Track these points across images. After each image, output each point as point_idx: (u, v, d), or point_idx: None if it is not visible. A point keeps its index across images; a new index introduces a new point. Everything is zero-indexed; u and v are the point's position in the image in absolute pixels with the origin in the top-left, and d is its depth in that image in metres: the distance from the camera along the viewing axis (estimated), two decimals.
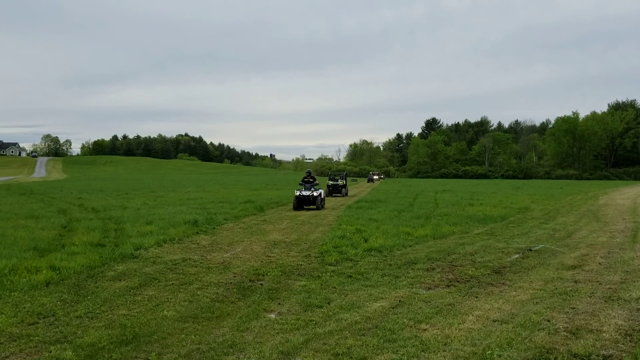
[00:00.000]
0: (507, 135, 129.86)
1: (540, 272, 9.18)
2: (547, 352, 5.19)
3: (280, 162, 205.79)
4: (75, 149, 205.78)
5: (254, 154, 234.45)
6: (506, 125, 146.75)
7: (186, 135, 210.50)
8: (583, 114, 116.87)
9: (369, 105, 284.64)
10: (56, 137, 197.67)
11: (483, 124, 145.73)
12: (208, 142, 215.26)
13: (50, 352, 5.23)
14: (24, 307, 6.78)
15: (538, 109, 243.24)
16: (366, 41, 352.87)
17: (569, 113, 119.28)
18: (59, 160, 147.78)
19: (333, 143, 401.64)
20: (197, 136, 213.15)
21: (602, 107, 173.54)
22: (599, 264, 9.99)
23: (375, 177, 76.13)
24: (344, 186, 34.99)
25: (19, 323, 6.15)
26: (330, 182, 34.87)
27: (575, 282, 8.39)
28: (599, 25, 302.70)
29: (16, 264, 9.14)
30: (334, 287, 8.10)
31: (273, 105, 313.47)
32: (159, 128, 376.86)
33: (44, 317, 6.41)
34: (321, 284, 8.29)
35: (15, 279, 8.13)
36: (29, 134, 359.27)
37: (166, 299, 7.35)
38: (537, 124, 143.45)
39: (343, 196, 33.34)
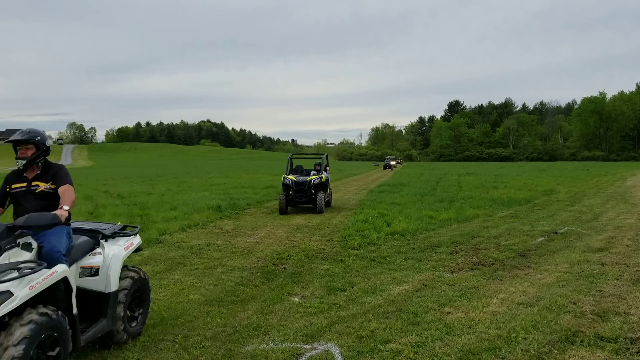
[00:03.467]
0: (531, 117, 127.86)
1: (566, 255, 9.06)
2: (573, 335, 5.13)
3: (301, 147, 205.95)
4: (100, 136, 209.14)
5: (275, 139, 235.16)
6: (531, 106, 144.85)
7: (208, 121, 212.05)
8: (610, 94, 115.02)
9: (390, 89, 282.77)
10: (81, 124, 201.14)
11: (507, 105, 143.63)
12: (230, 128, 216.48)
13: None
14: None
15: (563, 90, 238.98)
16: (388, 23, 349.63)
17: (595, 93, 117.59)
18: (84, 148, 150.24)
19: (355, 127, 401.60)
20: (219, 122, 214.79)
21: (630, 87, 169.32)
22: (627, 246, 9.81)
23: (393, 162, 63.49)
24: (324, 186, 16.19)
25: None
26: (291, 178, 15.97)
27: (602, 264, 8.26)
28: (627, 1, 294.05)
29: None
30: (357, 271, 8.11)
31: (294, 90, 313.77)
32: (182, 114, 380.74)
33: None
34: (344, 268, 8.32)
35: None
36: (55, 122, 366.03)
37: (191, 283, 7.45)
38: (563, 105, 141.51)
39: (318, 211, 15.27)
